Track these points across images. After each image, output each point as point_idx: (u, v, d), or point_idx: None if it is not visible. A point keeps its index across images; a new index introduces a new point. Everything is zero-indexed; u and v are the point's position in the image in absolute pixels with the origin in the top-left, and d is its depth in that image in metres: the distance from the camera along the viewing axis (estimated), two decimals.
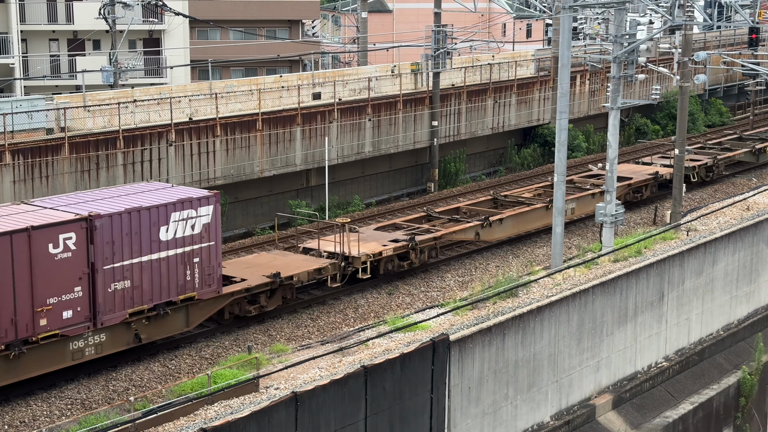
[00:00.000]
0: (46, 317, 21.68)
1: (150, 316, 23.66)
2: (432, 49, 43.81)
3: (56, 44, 58.13)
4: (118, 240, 22.71)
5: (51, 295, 21.70)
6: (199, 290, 24.61)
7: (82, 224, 22.11)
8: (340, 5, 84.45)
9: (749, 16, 51.07)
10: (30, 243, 21.19)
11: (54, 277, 21.71)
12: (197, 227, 24.35)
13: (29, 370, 21.71)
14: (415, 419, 22.17)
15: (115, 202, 23.60)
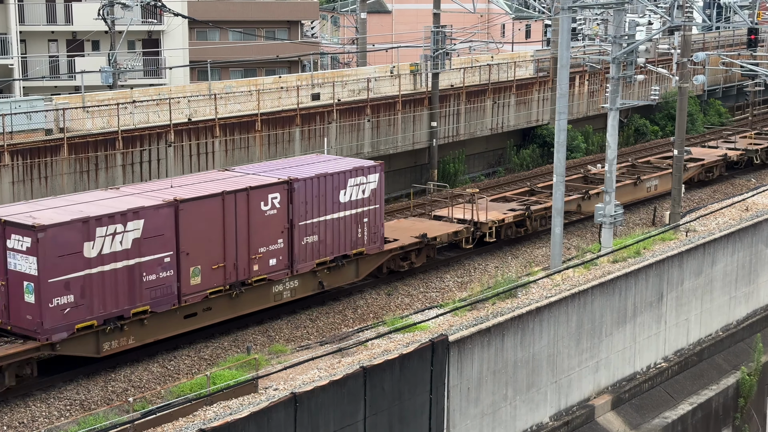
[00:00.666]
0: (257, 263, 25.89)
1: (330, 266, 27.96)
2: (431, 49, 43.82)
3: (55, 45, 58.13)
4: (309, 201, 26.95)
5: (261, 245, 25.94)
6: (367, 246, 28.88)
7: (284, 186, 26.39)
8: (339, 6, 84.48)
9: (748, 17, 51.15)
10: (248, 201, 25.48)
11: (264, 230, 25.98)
12: (367, 192, 28.64)
13: (244, 307, 25.97)
14: (414, 420, 22.17)
15: (304, 170, 27.69)
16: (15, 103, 35.32)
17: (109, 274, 22.73)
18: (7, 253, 22.02)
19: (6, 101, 35.45)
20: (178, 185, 25.68)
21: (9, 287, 22.10)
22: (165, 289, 23.91)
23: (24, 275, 21.80)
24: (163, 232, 23.66)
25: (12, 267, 22.01)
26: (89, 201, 23.84)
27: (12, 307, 22.10)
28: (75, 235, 22.05)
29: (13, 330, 22.16)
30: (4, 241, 22.05)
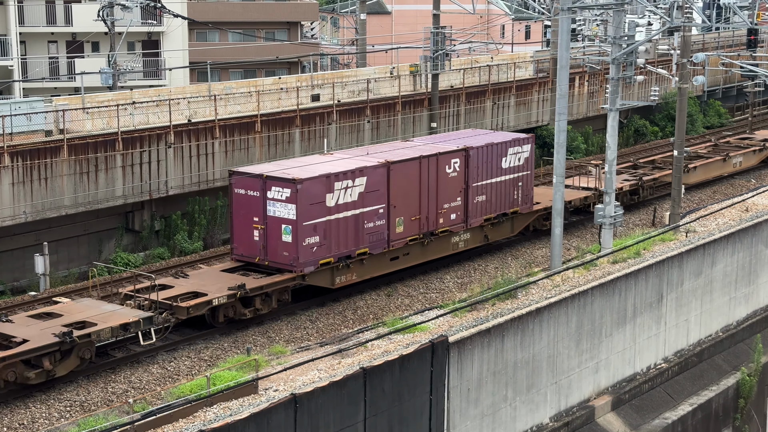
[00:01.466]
0: (442, 217, 31.06)
1: (494, 222, 32.77)
2: (431, 50, 43.83)
3: (55, 46, 58.12)
4: (480, 166, 31.93)
5: (445, 202, 31.11)
6: (521, 206, 33.85)
7: (463, 153, 31.48)
8: (339, 7, 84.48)
9: (748, 18, 51.14)
10: (437, 164, 30.59)
11: (447, 189, 31.12)
12: (521, 160, 33.47)
13: (431, 254, 31.20)
14: (414, 421, 22.17)
15: (474, 140, 32.70)
16: (15, 104, 35.32)
17: (342, 221, 28.05)
18: (267, 202, 27.23)
19: (6, 102, 35.46)
20: (378, 152, 30.97)
21: (267, 230, 27.37)
22: (379, 235, 29.15)
23: (282, 219, 27.10)
24: (379, 188, 28.88)
25: (271, 213, 27.28)
26: (318, 162, 29.31)
27: (270, 247, 27.42)
28: (320, 188, 27.38)
29: (270, 265, 27.49)
30: (264, 193, 27.29)
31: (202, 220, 36.40)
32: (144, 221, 35.85)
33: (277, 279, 26.90)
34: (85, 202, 33.45)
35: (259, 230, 27.47)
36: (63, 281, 32.21)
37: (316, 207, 27.23)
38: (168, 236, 35.95)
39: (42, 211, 32.39)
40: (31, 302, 28.39)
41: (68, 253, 33.97)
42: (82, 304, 24.95)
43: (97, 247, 34.89)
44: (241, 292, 25.93)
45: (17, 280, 32.51)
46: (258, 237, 27.56)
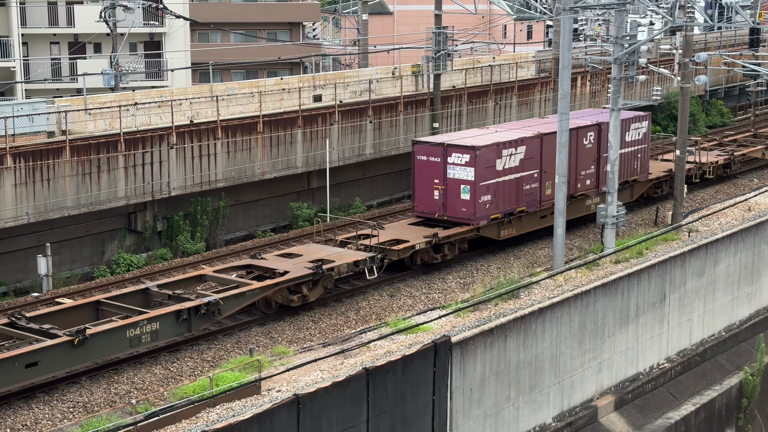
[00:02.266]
0: (580, 183, 35.84)
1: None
2: (432, 50, 43.82)
3: (57, 47, 58.19)
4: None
5: (582, 170, 35.85)
6: (639, 175, 38.51)
7: (596, 128, 36.18)
8: (341, 7, 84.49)
9: (750, 17, 51.10)
10: (577, 137, 35.19)
11: (584, 159, 35.81)
12: (640, 134, 38.06)
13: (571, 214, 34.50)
14: (417, 421, 22.17)
15: (603, 117, 36.34)
16: (17, 105, 35.34)
17: (507, 183, 33.06)
18: (447, 167, 32.41)
19: (8, 104, 35.49)
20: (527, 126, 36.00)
21: (447, 190, 32.60)
22: (533, 196, 34.12)
23: (461, 181, 32.29)
24: (534, 156, 33.68)
25: (451, 176, 32.47)
26: (486, 133, 34.72)
27: (449, 204, 32.71)
28: (492, 154, 32.38)
29: (449, 219, 32.70)
30: (445, 159, 32.48)
31: (204, 221, 36.41)
32: (146, 222, 35.87)
33: (459, 230, 32.16)
34: (88, 203, 33.46)
35: (439, 190, 32.79)
36: (66, 282, 32.23)
37: (489, 170, 32.39)
38: (170, 237, 35.96)
39: (44, 213, 32.41)
40: (34, 303, 28.40)
41: (71, 255, 34.00)
42: (312, 247, 30.37)
43: (100, 248, 34.91)
44: (435, 239, 31.11)
45: (20, 281, 32.53)
46: (438, 196, 32.87)
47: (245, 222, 39.26)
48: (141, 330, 22.79)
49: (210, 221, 36.80)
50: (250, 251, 33.80)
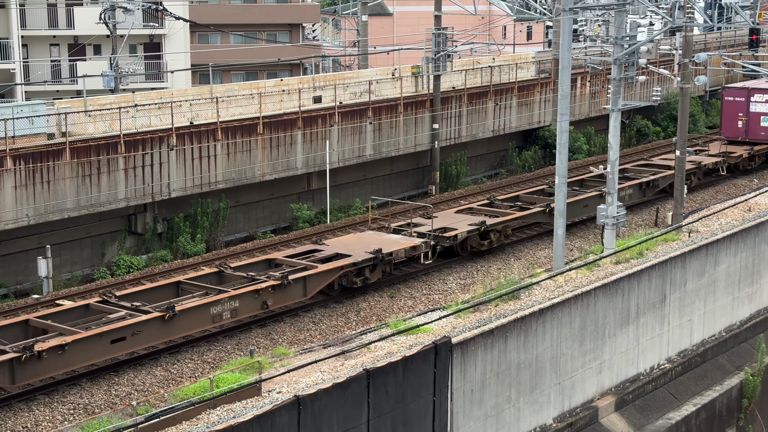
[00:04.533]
0: None
1: None
2: (432, 51, 43.83)
3: (57, 49, 58.20)
4: None
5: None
6: None
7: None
8: (341, 8, 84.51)
9: (749, 17, 51.10)
10: None
11: None
12: None
13: None
14: (418, 422, 22.16)
15: None
16: (17, 107, 35.36)
17: None
18: (750, 104, 46.96)
19: (8, 106, 35.50)
20: None
21: (749, 120, 47.12)
22: None
23: (761, 113, 46.86)
24: None
25: (753, 110, 47.06)
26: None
27: (750, 130, 47.26)
28: None
29: (750, 140, 47.32)
30: (748, 98, 47.18)
31: (204, 223, 36.42)
32: (147, 224, 35.88)
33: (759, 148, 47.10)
34: (88, 204, 33.47)
35: (742, 121, 47.23)
36: (66, 284, 32.23)
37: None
38: (171, 239, 35.98)
39: (44, 214, 32.42)
40: (34, 305, 28.40)
41: (71, 256, 34.01)
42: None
43: (100, 250, 34.92)
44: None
45: (20, 283, 32.55)
46: (741, 125, 47.31)
47: (245, 223, 39.27)
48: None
49: (210, 223, 36.81)
50: (262, 249, 33.97)
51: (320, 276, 27.98)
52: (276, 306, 26.78)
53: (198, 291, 26.15)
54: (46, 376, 22.30)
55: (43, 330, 23.80)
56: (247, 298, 25.74)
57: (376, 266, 29.54)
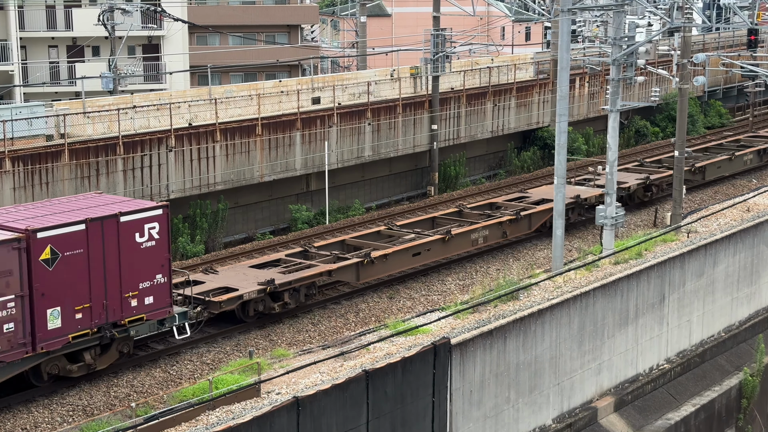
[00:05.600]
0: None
1: None
2: (431, 52, 43.84)
3: (55, 51, 58.18)
4: None
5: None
6: None
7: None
8: (339, 10, 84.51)
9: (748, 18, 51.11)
10: None
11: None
12: None
13: None
14: (417, 423, 22.16)
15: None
16: (16, 109, 35.35)
17: None
18: None
19: (7, 107, 35.50)
20: None
21: None
22: None
23: None
24: None
25: None
26: None
27: None
28: None
29: None
30: None
31: (203, 224, 36.41)
32: None
33: None
34: None
35: None
36: None
37: None
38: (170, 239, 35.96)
39: None
40: None
41: None
42: None
43: None
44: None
45: None
46: None
47: (244, 224, 39.27)
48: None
49: (209, 224, 36.80)
50: (249, 254, 33.85)
51: (539, 214, 35.27)
52: (512, 235, 34.41)
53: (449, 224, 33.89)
54: (375, 277, 30.06)
55: (355, 247, 31.50)
56: (494, 228, 33.53)
57: (574, 209, 36.33)
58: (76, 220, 21.71)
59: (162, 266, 23.22)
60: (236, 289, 26.52)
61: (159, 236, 23.21)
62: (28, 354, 21.19)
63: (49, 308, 21.30)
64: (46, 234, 21.10)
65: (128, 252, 22.56)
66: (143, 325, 23.23)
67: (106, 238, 22.10)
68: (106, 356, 22.95)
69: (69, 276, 21.57)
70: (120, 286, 22.53)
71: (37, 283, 21.02)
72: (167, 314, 23.60)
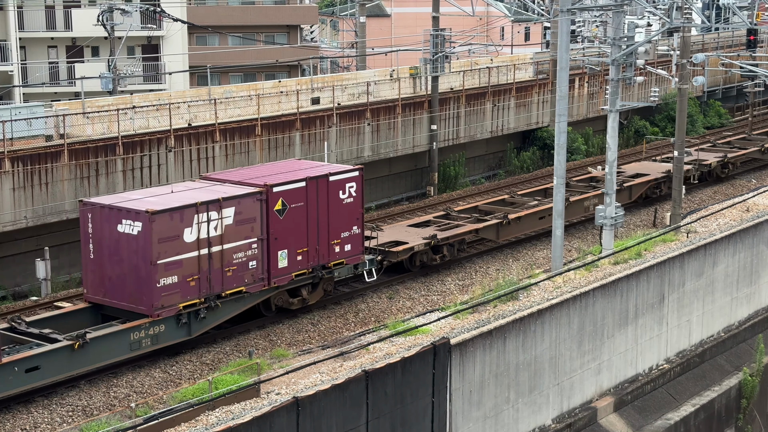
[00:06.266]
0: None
1: None
2: (430, 53, 43.84)
3: (55, 51, 58.16)
4: None
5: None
6: None
7: None
8: (339, 10, 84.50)
9: (747, 18, 51.14)
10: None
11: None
12: None
13: None
14: (417, 423, 22.17)
15: None
16: (15, 109, 35.33)
17: None
18: None
19: (6, 108, 35.48)
20: None
21: None
22: None
23: None
24: None
25: None
26: None
27: None
28: None
29: None
30: None
31: None
32: None
33: None
34: None
35: None
36: (65, 286, 32.21)
37: None
38: None
39: (43, 216, 32.40)
40: (33, 307, 28.36)
41: (69, 258, 33.95)
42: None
43: None
44: None
45: (18, 285, 32.52)
46: None
47: None
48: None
49: None
50: None
51: (638, 186, 40.04)
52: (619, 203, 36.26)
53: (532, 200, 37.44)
54: (511, 235, 34.51)
55: (486, 212, 35.31)
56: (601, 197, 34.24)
57: (665, 183, 40.16)
58: (299, 178, 26.77)
59: (357, 219, 28.18)
60: (406, 242, 31.04)
61: (356, 194, 28.08)
62: (265, 287, 26.16)
63: (279, 250, 26.36)
64: (279, 189, 26.11)
65: (334, 206, 27.49)
66: (343, 268, 28.25)
67: (319, 194, 27.06)
68: (315, 293, 27.87)
69: (293, 224, 26.53)
70: (328, 234, 27.47)
71: (272, 228, 26.00)
72: (360, 260, 28.61)
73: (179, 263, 23.92)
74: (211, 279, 24.63)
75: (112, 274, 24.16)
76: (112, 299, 24.24)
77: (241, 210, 25.21)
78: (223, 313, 25.29)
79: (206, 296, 24.58)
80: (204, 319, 24.81)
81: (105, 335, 22.94)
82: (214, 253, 24.61)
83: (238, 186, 26.17)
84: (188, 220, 24.04)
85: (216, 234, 24.63)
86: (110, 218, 23.98)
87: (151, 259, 23.37)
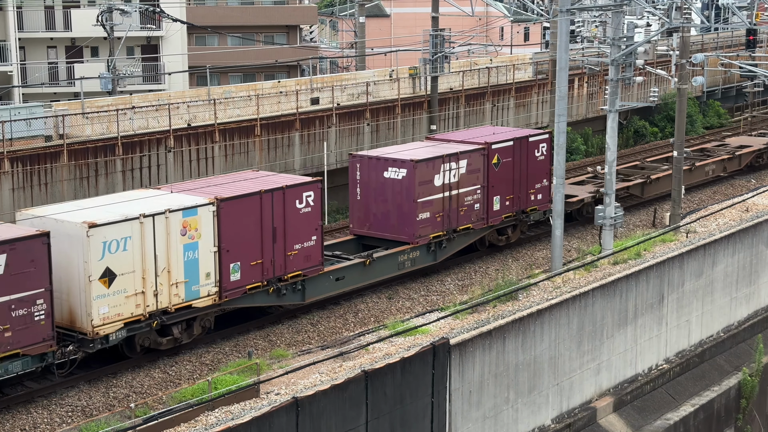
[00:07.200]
0: None
1: None
2: (430, 53, 43.85)
3: (54, 51, 58.18)
4: None
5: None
6: None
7: None
8: (338, 10, 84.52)
9: (746, 18, 51.17)
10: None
11: None
12: None
13: None
14: (416, 423, 22.17)
15: None
16: (14, 109, 35.35)
17: None
18: None
19: (5, 108, 35.48)
20: None
21: None
22: None
23: None
24: None
25: None
26: None
27: None
28: None
29: None
30: None
31: None
32: None
33: None
34: None
35: None
36: None
37: None
38: None
39: None
40: None
41: None
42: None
43: None
44: None
45: None
46: None
47: None
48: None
49: None
50: None
51: (745, 155, 44.99)
52: (729, 170, 44.05)
53: None
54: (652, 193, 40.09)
55: (624, 174, 40.66)
56: (718, 163, 42.93)
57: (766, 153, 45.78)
58: (510, 138, 32.70)
59: (546, 173, 33.49)
60: (575, 195, 36.16)
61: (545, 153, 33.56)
62: (484, 226, 32.15)
63: (494, 196, 32.06)
64: (496, 146, 31.81)
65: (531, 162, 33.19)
66: (536, 213, 33.89)
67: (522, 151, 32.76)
68: (514, 233, 33.56)
69: (504, 176, 32.24)
70: (527, 185, 33.14)
71: (490, 178, 31.78)
72: (548, 207, 33.46)
73: (431, 202, 30.08)
74: (450, 216, 30.74)
75: (376, 211, 30.23)
76: (376, 231, 30.32)
77: (471, 162, 31.09)
78: (457, 245, 31.43)
79: (447, 230, 30.67)
80: (445, 248, 30.95)
81: (384, 256, 29.18)
82: (453, 196, 30.72)
83: (462, 144, 31.98)
84: (438, 168, 30.10)
85: (454, 180, 30.64)
86: (377, 167, 30.05)
87: (414, 198, 29.48)
